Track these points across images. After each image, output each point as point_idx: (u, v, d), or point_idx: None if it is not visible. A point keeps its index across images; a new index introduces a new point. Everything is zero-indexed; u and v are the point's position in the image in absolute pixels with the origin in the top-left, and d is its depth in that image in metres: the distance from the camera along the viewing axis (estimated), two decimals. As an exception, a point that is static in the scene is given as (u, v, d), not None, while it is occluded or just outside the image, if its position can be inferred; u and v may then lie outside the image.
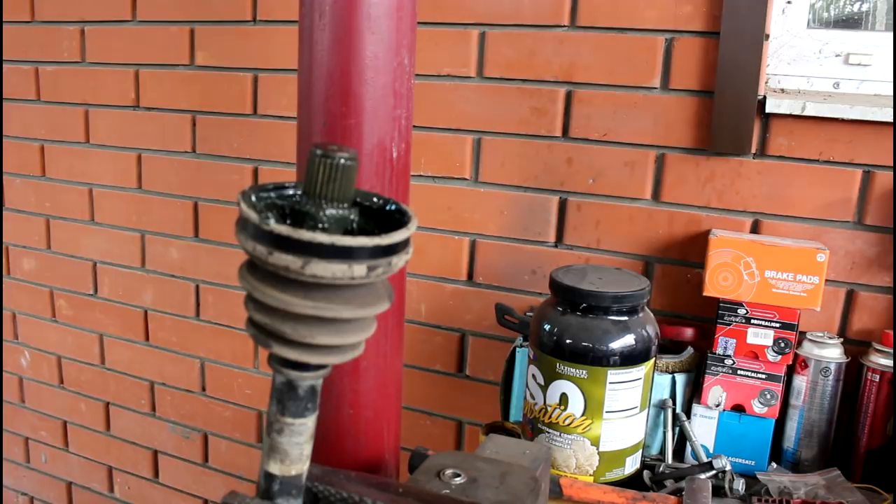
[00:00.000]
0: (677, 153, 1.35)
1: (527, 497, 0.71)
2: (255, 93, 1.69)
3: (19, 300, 2.18)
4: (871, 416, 1.18)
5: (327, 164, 0.50)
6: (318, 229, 0.50)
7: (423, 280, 1.58)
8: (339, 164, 0.50)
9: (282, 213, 0.51)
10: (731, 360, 1.20)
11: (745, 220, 1.32)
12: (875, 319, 1.26)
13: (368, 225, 0.54)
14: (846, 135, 1.23)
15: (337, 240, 0.47)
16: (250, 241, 0.48)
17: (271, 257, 0.48)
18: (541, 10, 1.39)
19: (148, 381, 2.02)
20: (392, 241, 0.49)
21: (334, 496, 0.66)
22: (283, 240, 0.47)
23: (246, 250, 0.49)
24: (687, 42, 1.31)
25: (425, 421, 1.65)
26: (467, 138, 1.50)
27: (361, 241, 0.48)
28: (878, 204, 1.24)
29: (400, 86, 0.85)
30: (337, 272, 0.48)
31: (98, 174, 1.95)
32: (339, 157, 0.50)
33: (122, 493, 2.16)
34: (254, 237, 0.48)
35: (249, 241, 0.48)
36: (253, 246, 0.48)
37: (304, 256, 0.47)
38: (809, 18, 1.31)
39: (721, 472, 1.11)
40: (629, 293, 1.08)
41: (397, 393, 0.95)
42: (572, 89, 1.40)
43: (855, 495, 1.08)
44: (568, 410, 1.08)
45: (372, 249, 0.48)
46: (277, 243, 0.47)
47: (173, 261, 1.89)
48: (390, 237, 0.49)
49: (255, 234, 0.48)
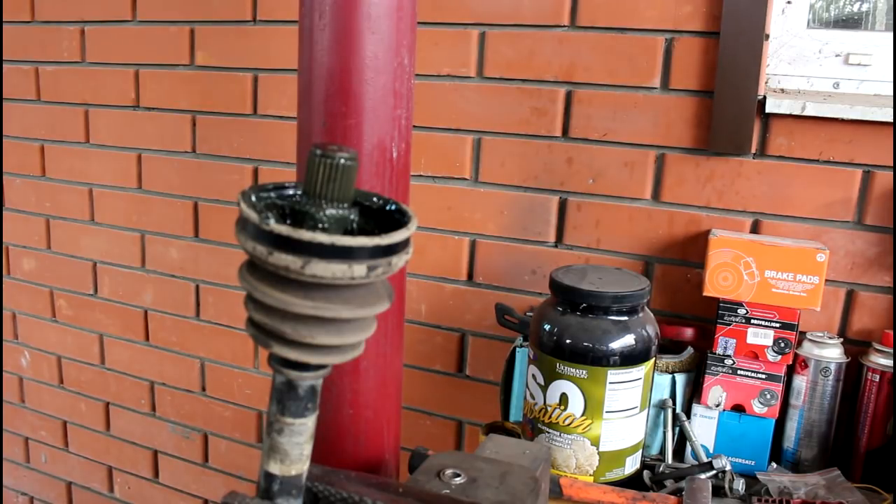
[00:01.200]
0: (677, 153, 1.35)
1: (527, 497, 0.71)
2: (255, 93, 1.69)
3: (19, 300, 2.18)
4: (871, 416, 1.18)
5: (327, 163, 0.50)
6: (319, 229, 0.50)
7: (423, 280, 1.58)
8: (339, 164, 0.50)
9: (282, 214, 0.51)
10: (731, 360, 1.20)
11: (745, 220, 1.32)
12: (875, 319, 1.26)
13: (368, 225, 0.54)
14: (846, 135, 1.23)
15: (337, 240, 0.47)
16: (250, 241, 0.48)
17: (271, 257, 0.48)
18: (541, 10, 1.39)
19: (148, 381, 2.02)
20: (392, 241, 0.49)
21: (334, 496, 0.66)
22: (283, 240, 0.47)
23: (246, 250, 0.49)
24: (687, 42, 1.31)
25: (425, 421, 1.65)
26: (467, 138, 1.50)
27: (361, 242, 0.48)
28: (878, 204, 1.24)
29: (400, 86, 0.85)
30: (337, 272, 0.48)
31: (98, 174, 1.95)
32: (339, 157, 0.50)
33: (122, 493, 2.16)
34: (254, 237, 0.48)
35: (249, 241, 0.48)
36: (253, 246, 0.48)
37: (304, 256, 0.47)
38: (809, 18, 1.31)
39: (721, 472, 1.11)
40: (629, 293, 1.08)
41: (397, 393, 0.95)
42: (572, 89, 1.40)
43: (855, 495, 1.08)
44: (568, 410, 1.08)
45: (372, 249, 0.48)
46: (277, 243, 0.47)
47: (173, 261, 1.89)
48: (390, 237, 0.49)
49: (254, 234, 0.48)
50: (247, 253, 0.50)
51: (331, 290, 0.50)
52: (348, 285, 0.50)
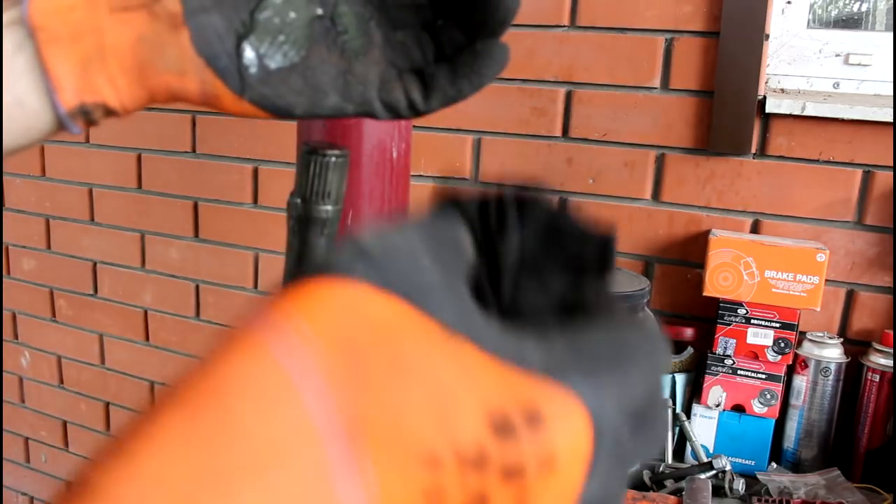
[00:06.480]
0: (677, 153, 1.34)
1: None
2: (255, 93, 1.69)
3: (19, 300, 2.18)
4: (871, 416, 1.18)
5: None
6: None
7: (423, 280, 1.58)
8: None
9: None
10: (731, 360, 1.20)
11: (745, 220, 1.32)
12: (875, 319, 1.26)
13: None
14: (846, 135, 1.23)
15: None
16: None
17: None
18: (541, 10, 1.39)
19: (148, 381, 2.02)
20: None
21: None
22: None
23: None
24: (687, 42, 1.31)
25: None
26: (467, 138, 1.49)
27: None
28: (878, 204, 1.24)
29: (400, 86, 0.85)
30: None
31: (98, 174, 1.95)
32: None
33: (122, 493, 2.16)
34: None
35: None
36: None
37: None
38: (809, 18, 1.31)
39: (721, 472, 1.11)
40: (629, 293, 1.08)
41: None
42: (572, 89, 1.40)
43: (855, 495, 1.08)
44: (568, 410, 1.08)
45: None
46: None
47: (173, 261, 1.89)
48: None
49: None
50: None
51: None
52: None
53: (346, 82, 0.42)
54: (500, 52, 0.42)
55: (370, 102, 0.42)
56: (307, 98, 0.41)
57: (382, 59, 0.43)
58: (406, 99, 0.43)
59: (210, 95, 0.40)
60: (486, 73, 0.42)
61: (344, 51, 0.42)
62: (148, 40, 0.39)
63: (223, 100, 0.40)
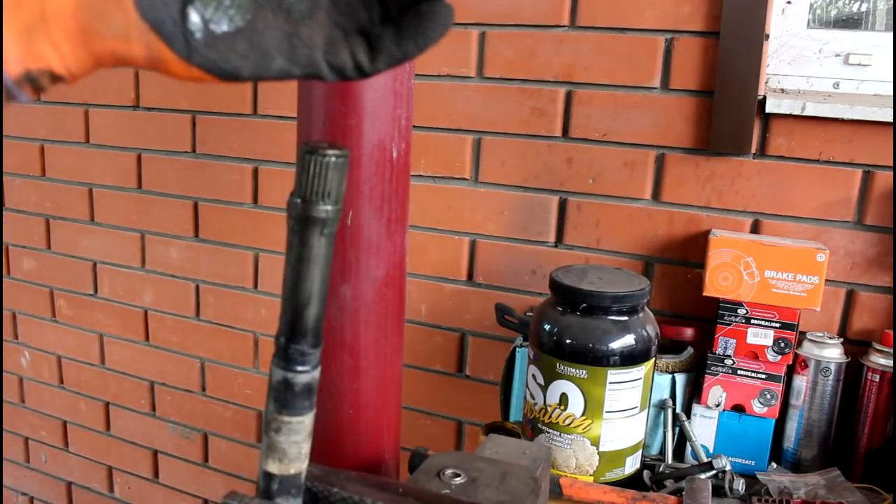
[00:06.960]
0: (677, 153, 1.35)
1: (527, 497, 0.71)
2: (255, 92, 1.69)
3: (19, 300, 2.18)
4: (871, 416, 1.18)
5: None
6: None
7: (423, 280, 1.58)
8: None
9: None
10: (731, 360, 1.20)
11: (745, 220, 1.32)
12: (875, 319, 1.26)
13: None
14: (846, 135, 1.23)
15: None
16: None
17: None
18: (541, 10, 1.39)
19: (148, 381, 2.02)
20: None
21: (334, 496, 0.66)
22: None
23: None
24: (687, 42, 1.31)
25: (425, 421, 1.65)
26: (467, 138, 1.50)
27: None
28: (878, 204, 1.24)
29: (400, 86, 0.85)
30: None
31: (98, 174, 1.95)
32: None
33: (122, 493, 2.16)
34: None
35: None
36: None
37: None
38: (809, 18, 1.31)
39: (721, 472, 1.11)
40: (629, 293, 1.08)
41: (397, 393, 0.95)
42: (572, 89, 1.40)
43: (855, 495, 1.08)
44: (568, 410, 1.08)
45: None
46: None
47: (173, 261, 1.89)
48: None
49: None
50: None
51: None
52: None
53: (293, 45, 0.42)
54: (444, 12, 0.43)
55: (316, 64, 0.43)
56: (253, 62, 0.41)
57: (328, 22, 0.43)
58: (352, 60, 0.43)
59: (156, 60, 0.41)
60: (430, 34, 0.43)
61: (290, 14, 0.42)
62: (90, 5, 0.39)
63: (170, 64, 0.41)
